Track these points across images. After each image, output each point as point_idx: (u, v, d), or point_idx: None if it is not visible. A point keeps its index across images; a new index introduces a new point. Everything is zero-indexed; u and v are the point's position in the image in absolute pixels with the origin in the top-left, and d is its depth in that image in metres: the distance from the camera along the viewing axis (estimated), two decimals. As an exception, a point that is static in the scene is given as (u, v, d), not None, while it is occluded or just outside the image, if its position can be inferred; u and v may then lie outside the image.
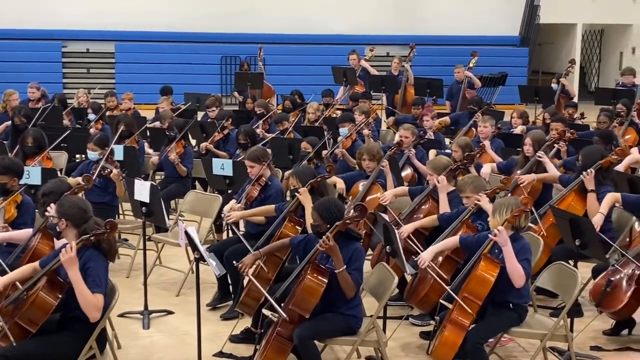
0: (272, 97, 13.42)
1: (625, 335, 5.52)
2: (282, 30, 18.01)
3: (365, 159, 6.73)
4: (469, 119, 9.93)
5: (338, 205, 4.68)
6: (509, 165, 7.19)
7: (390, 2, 18.97)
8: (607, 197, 5.63)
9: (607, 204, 5.59)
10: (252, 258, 4.80)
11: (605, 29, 20.74)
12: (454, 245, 5.03)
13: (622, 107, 9.70)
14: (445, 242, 5.12)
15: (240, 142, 8.04)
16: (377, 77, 12.50)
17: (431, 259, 4.91)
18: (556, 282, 4.94)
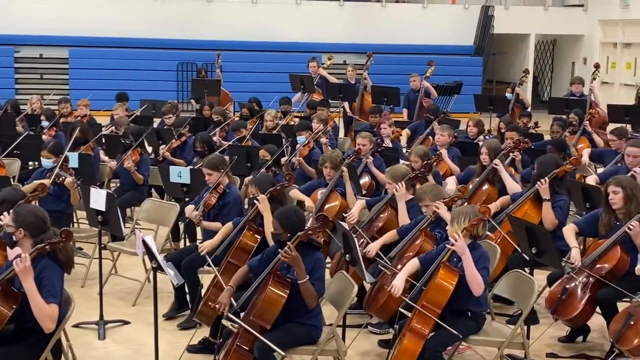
0: (229, 104, 13.37)
1: (580, 342, 5.62)
2: (240, 37, 17.97)
3: (327, 167, 6.73)
4: (425, 127, 10.02)
5: (299, 214, 4.67)
6: (467, 175, 7.26)
7: (347, 11, 19.09)
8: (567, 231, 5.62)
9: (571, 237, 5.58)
10: (227, 295, 4.67)
11: (558, 40, 21.15)
12: (417, 267, 5.01)
13: (574, 117, 9.88)
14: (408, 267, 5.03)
15: (197, 149, 7.97)
16: (335, 85, 12.54)
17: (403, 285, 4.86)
18: (513, 290, 5.00)
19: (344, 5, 19.15)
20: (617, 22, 18.83)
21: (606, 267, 5.26)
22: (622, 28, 18.80)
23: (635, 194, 5.45)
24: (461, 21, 19.32)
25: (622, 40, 18.87)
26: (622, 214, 5.41)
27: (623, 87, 18.57)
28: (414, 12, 19.41)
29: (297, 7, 18.87)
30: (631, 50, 18.62)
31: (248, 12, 18.51)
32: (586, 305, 5.23)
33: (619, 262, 5.23)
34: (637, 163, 7.05)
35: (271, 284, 4.44)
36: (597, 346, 5.54)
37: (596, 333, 5.65)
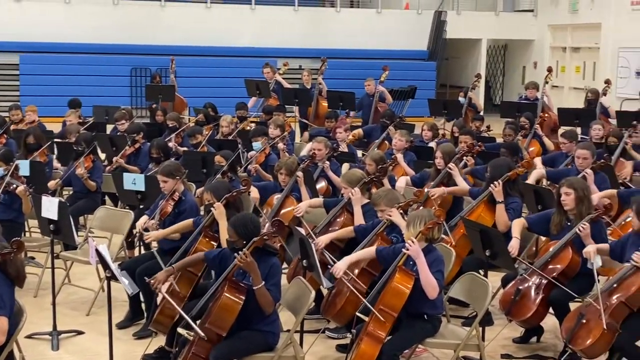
0: (184, 109, 13.27)
1: (534, 342, 5.70)
2: (194, 42, 17.88)
3: (282, 173, 6.74)
4: (381, 132, 10.08)
5: (254, 221, 4.66)
6: (422, 178, 7.33)
7: (301, 16, 19.13)
8: (515, 224, 5.76)
9: (517, 229, 5.70)
10: (165, 274, 4.71)
11: (509, 44, 21.50)
12: (371, 256, 5.08)
13: (525, 120, 10.05)
14: (362, 252, 5.15)
15: (152, 156, 7.90)
16: (290, 90, 12.55)
17: (346, 268, 4.93)
18: (468, 292, 5.06)
19: (299, 10, 19.19)
20: (566, 27, 19.23)
21: (558, 268, 5.36)
22: (571, 33, 19.22)
23: (586, 195, 5.57)
24: (415, 26, 19.51)
25: (571, 45, 19.28)
26: (574, 215, 5.51)
27: (572, 90, 18.96)
28: (368, 17, 19.55)
29: (251, 12, 18.85)
30: (580, 54, 19.03)
31: (202, 16, 18.43)
32: (539, 306, 5.31)
33: (570, 262, 5.33)
34: (587, 165, 7.20)
35: (226, 290, 4.41)
36: (551, 346, 5.63)
37: (549, 333, 5.74)
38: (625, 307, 4.75)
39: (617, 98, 15.66)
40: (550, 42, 19.84)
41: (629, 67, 17.11)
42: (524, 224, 5.76)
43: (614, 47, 17.43)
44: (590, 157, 7.26)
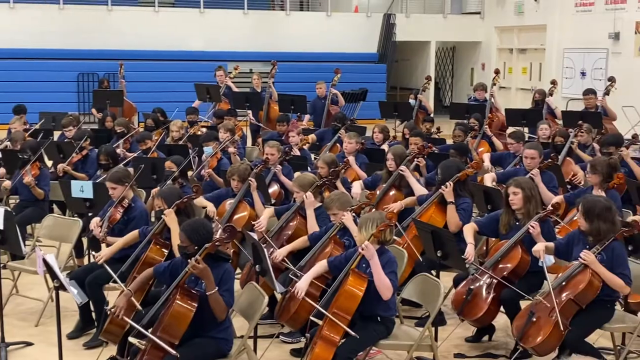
0: (133, 115, 13.11)
1: (486, 341, 5.77)
2: (143, 47, 17.69)
3: (235, 179, 6.70)
4: (333, 135, 10.10)
5: (206, 226, 4.62)
6: (374, 181, 7.36)
7: (251, 19, 19.09)
8: (467, 229, 5.80)
9: (469, 234, 5.75)
10: (124, 299, 4.59)
11: (457, 46, 21.78)
12: (324, 270, 5.05)
13: (474, 121, 10.18)
14: (316, 268, 5.09)
15: (101, 162, 7.77)
16: (241, 94, 12.50)
17: (307, 287, 4.88)
18: (420, 293, 5.09)
19: (249, 14, 19.14)
20: (513, 29, 19.56)
21: (509, 267, 5.43)
22: (517, 34, 19.55)
23: (534, 194, 5.66)
24: (364, 29, 19.63)
25: (517, 46, 19.62)
26: (522, 214, 5.60)
27: (520, 91, 19.30)
28: (318, 21, 19.60)
29: (200, 16, 18.73)
30: (526, 55, 19.37)
31: (151, 20, 18.26)
32: (491, 305, 5.38)
33: (520, 261, 5.41)
34: (535, 165, 7.32)
35: (178, 297, 4.36)
36: (502, 345, 5.70)
37: (501, 332, 5.81)
38: (574, 304, 4.84)
39: (562, 98, 15.97)
40: (497, 44, 20.16)
41: (573, 67, 17.48)
42: (475, 228, 5.83)
43: (559, 48, 17.80)
44: (538, 157, 7.38)
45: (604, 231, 4.92)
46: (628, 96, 13.95)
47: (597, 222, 4.92)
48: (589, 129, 9.14)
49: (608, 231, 4.91)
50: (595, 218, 4.93)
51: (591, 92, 11.28)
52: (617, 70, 15.17)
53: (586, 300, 4.83)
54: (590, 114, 10.62)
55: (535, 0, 18.29)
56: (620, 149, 7.96)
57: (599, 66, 16.66)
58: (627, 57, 16.01)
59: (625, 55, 16.08)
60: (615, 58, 16.31)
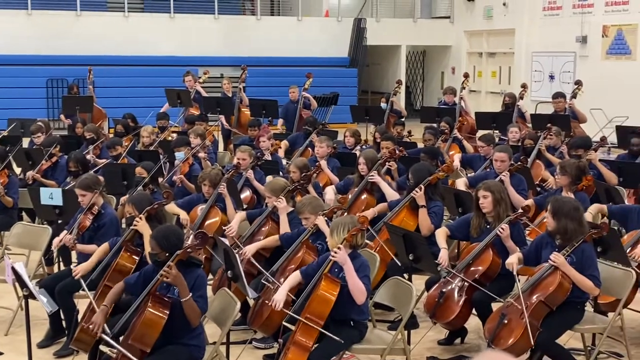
0: (103, 121, 13.00)
1: (458, 343, 5.80)
2: (112, 52, 17.56)
3: (206, 185, 6.67)
4: (304, 139, 10.11)
5: (177, 233, 4.59)
6: (346, 185, 7.38)
7: (222, 24, 19.03)
8: (439, 233, 5.86)
9: (441, 239, 5.81)
10: (101, 316, 4.52)
11: (427, 50, 21.92)
12: (299, 280, 5.04)
13: (445, 125, 10.26)
14: (290, 279, 5.06)
15: (70, 169, 7.71)
16: (212, 99, 12.46)
17: (285, 298, 4.85)
18: (393, 297, 5.10)
19: (219, 19, 19.09)
20: (482, 33, 19.74)
21: (480, 269, 5.47)
22: (487, 38, 19.73)
23: (504, 197, 5.71)
24: (335, 33, 19.68)
25: (486, 50, 19.80)
26: (492, 217, 5.64)
27: (489, 94, 19.47)
28: (289, 25, 19.60)
29: (170, 21, 18.64)
30: (495, 59, 19.55)
31: (120, 25, 18.13)
32: (463, 307, 5.41)
33: (491, 264, 5.45)
34: (505, 168, 7.39)
35: (150, 305, 4.33)
36: (475, 347, 5.74)
37: (473, 334, 5.84)
38: (544, 306, 4.89)
39: (532, 101, 16.15)
40: (467, 48, 20.33)
41: (542, 71, 17.68)
42: (447, 232, 5.87)
43: (528, 52, 17.99)
44: (508, 160, 7.46)
45: (571, 230, 4.96)
46: (596, 99, 14.15)
47: (565, 221, 4.97)
48: (557, 132, 9.25)
49: (575, 231, 4.96)
50: (563, 217, 4.98)
51: (561, 96, 11.42)
52: (585, 73, 15.39)
53: (556, 301, 4.88)
54: (559, 117, 10.75)
55: (504, 5, 18.47)
56: (588, 152, 8.07)
57: (567, 69, 16.88)
58: (595, 60, 16.24)
59: (592, 59, 16.31)
60: (583, 61, 16.53)
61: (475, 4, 19.59)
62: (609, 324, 5.11)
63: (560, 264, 4.86)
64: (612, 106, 14.31)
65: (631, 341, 5.54)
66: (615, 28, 15.77)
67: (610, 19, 15.84)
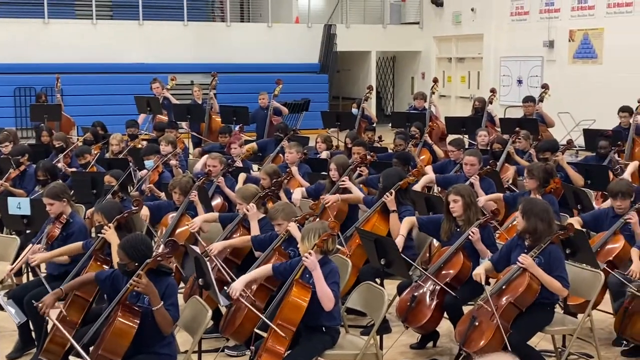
0: (71, 129, 12.87)
1: (430, 347, 5.82)
2: (81, 60, 17.38)
3: (177, 192, 6.63)
4: (275, 145, 10.10)
5: (145, 242, 4.55)
6: (317, 190, 7.38)
7: (191, 31, 18.95)
8: (405, 221, 5.94)
9: (404, 227, 5.91)
10: (52, 297, 4.53)
11: (397, 56, 22.02)
12: (267, 274, 5.06)
13: (415, 130, 10.31)
14: (258, 270, 5.14)
15: (39, 178, 7.63)
16: (182, 106, 12.40)
17: (242, 288, 4.89)
18: (365, 302, 5.11)
19: (189, 25, 19.01)
20: (451, 38, 19.89)
21: (451, 273, 5.51)
22: (456, 43, 19.89)
23: (473, 201, 5.76)
24: (305, 40, 19.69)
25: (455, 55, 19.95)
26: (462, 221, 5.68)
27: (459, 99, 19.62)
28: (259, 32, 19.58)
29: (139, 28, 18.52)
30: (465, 64, 19.71)
31: (88, 33, 17.97)
32: (434, 311, 5.44)
33: (462, 267, 5.49)
34: (475, 171, 7.46)
35: (120, 314, 4.29)
36: (447, 350, 5.76)
37: (445, 337, 5.87)
38: (514, 307, 4.93)
39: (500, 106, 16.30)
40: (436, 53, 20.47)
41: (510, 75, 17.85)
42: (414, 223, 5.91)
43: (496, 57, 18.16)
44: (478, 164, 7.53)
45: (541, 231, 5.01)
46: (563, 103, 14.33)
47: (535, 221, 5.02)
48: (526, 135, 9.35)
49: (544, 231, 5.01)
50: (533, 216, 5.03)
51: (530, 100, 11.57)
52: (552, 78, 15.57)
53: (525, 303, 4.92)
54: (527, 121, 10.87)
55: (472, 10, 18.63)
56: (555, 154, 8.17)
57: (535, 74, 17.06)
58: (562, 65, 16.44)
59: (559, 63, 16.51)
60: (550, 66, 16.73)
61: (444, 10, 19.73)
62: (578, 325, 5.17)
63: (528, 265, 4.91)
64: (580, 109, 14.49)
65: (601, 342, 5.61)
66: (581, 32, 15.99)
67: (577, 23, 16.06)
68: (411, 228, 6.06)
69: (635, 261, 5.53)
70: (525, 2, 17.35)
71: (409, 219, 5.95)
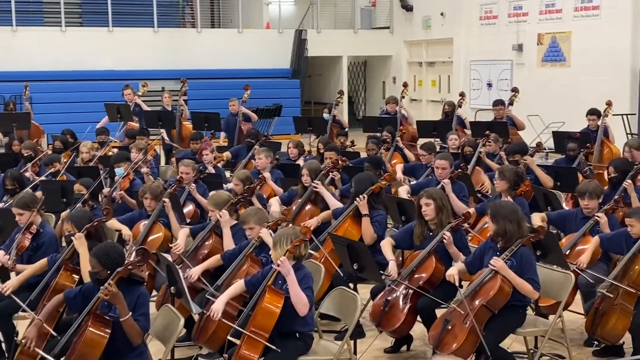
0: (40, 137, 12.73)
1: (404, 351, 5.83)
2: (49, 67, 17.21)
3: (147, 198, 6.58)
4: (247, 151, 10.08)
5: (118, 250, 4.51)
6: (290, 196, 7.37)
7: (161, 37, 18.84)
8: (384, 244, 5.88)
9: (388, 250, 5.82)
10: (35, 330, 4.43)
11: (368, 60, 22.10)
12: (242, 290, 5.02)
13: (387, 134, 10.35)
14: (232, 289, 5.06)
15: (7, 187, 7.53)
16: (153, 113, 12.33)
17: (223, 307, 4.84)
18: (338, 307, 5.10)
19: (159, 32, 18.91)
20: (421, 43, 20.01)
21: (424, 276, 5.53)
22: (426, 48, 20.01)
23: (445, 204, 5.79)
24: (276, 45, 19.69)
25: (426, 59, 20.07)
26: (435, 224, 5.71)
27: (430, 103, 19.73)
28: (230, 37, 19.54)
29: (109, 34, 18.38)
30: (435, 68, 19.83)
31: (58, 40, 17.79)
32: (408, 315, 5.45)
33: (434, 271, 5.51)
34: (446, 175, 7.50)
35: (91, 324, 4.25)
36: (420, 354, 5.77)
37: (418, 341, 5.88)
38: (486, 309, 4.96)
39: (471, 109, 16.43)
40: (407, 58, 20.57)
41: (480, 79, 18.00)
42: (392, 243, 5.91)
43: (466, 61, 18.30)
44: (449, 167, 7.57)
45: (511, 232, 5.05)
46: (533, 105, 14.48)
47: (504, 223, 5.06)
48: (496, 138, 9.42)
49: (514, 233, 5.05)
50: (501, 219, 5.08)
51: (500, 103, 11.67)
52: (521, 81, 15.72)
53: (498, 305, 4.95)
54: (497, 124, 10.97)
55: (441, 15, 18.76)
56: (525, 157, 8.25)
57: (505, 77, 17.22)
58: (531, 68, 16.61)
59: (528, 66, 16.68)
60: (519, 69, 16.89)
61: (414, 15, 19.85)
62: (550, 327, 5.21)
63: (500, 267, 4.94)
64: (549, 112, 14.64)
65: (572, 342, 5.66)
66: (549, 36, 16.17)
67: (545, 27, 16.24)
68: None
69: (589, 251, 5.60)
70: (494, 7, 17.51)
71: (387, 241, 5.93)
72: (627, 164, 7.39)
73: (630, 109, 14.14)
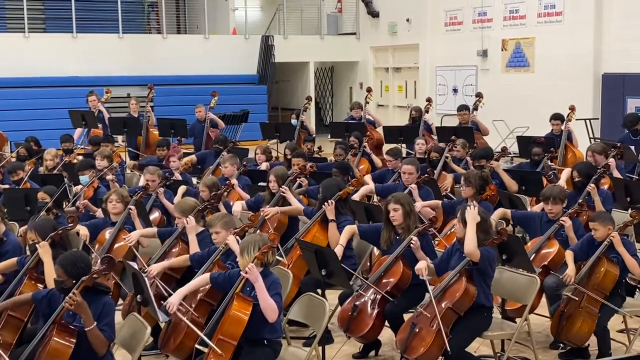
0: (4, 145, 12.54)
1: (372, 356, 5.84)
2: (12, 74, 16.97)
3: (112, 201, 6.52)
4: (215, 157, 10.02)
5: (84, 259, 4.46)
6: (257, 202, 7.35)
7: (127, 43, 18.70)
8: (345, 230, 5.98)
9: (344, 236, 5.94)
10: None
11: (335, 66, 22.17)
12: (205, 284, 5.00)
13: (354, 139, 10.37)
14: (195, 281, 5.07)
15: (-31, 196, 7.40)
16: (119, 119, 12.22)
17: (179, 302, 4.83)
18: (306, 313, 5.10)
19: (124, 38, 18.76)
20: (387, 48, 20.12)
21: (391, 281, 5.55)
22: (392, 53, 20.12)
23: (412, 209, 5.82)
24: (243, 51, 19.66)
25: (392, 65, 20.18)
26: (402, 229, 5.73)
27: (397, 108, 19.84)
28: (196, 43, 19.47)
29: (73, 40, 18.19)
30: (401, 74, 19.95)
31: (21, 46, 17.56)
32: (376, 320, 5.47)
33: (402, 275, 5.53)
34: (413, 180, 7.54)
35: (55, 334, 4.19)
36: (389, 359, 5.79)
37: (387, 346, 5.89)
38: (452, 312, 5.00)
39: (437, 114, 16.54)
40: (373, 63, 20.67)
41: (446, 84, 18.15)
42: (355, 231, 5.94)
43: (432, 66, 18.44)
44: (415, 172, 7.61)
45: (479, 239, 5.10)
46: (498, 111, 14.62)
47: None
48: (463, 144, 9.50)
49: (482, 240, 5.10)
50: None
51: (465, 108, 11.76)
52: (486, 86, 15.89)
53: (463, 307, 4.99)
54: (463, 129, 11.05)
55: (407, 21, 18.88)
56: (490, 162, 8.33)
57: (470, 82, 17.38)
58: (495, 73, 16.79)
59: (493, 72, 16.85)
60: (484, 74, 17.06)
61: (380, 21, 19.95)
62: (516, 330, 5.26)
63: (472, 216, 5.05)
64: (513, 117, 14.81)
65: (538, 345, 5.72)
66: (513, 42, 16.36)
67: (509, 33, 16.42)
68: (351, 237, 6.09)
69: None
70: (459, 13, 17.67)
71: (350, 227, 5.98)
72: (590, 168, 7.50)
73: (593, 114, 14.34)
